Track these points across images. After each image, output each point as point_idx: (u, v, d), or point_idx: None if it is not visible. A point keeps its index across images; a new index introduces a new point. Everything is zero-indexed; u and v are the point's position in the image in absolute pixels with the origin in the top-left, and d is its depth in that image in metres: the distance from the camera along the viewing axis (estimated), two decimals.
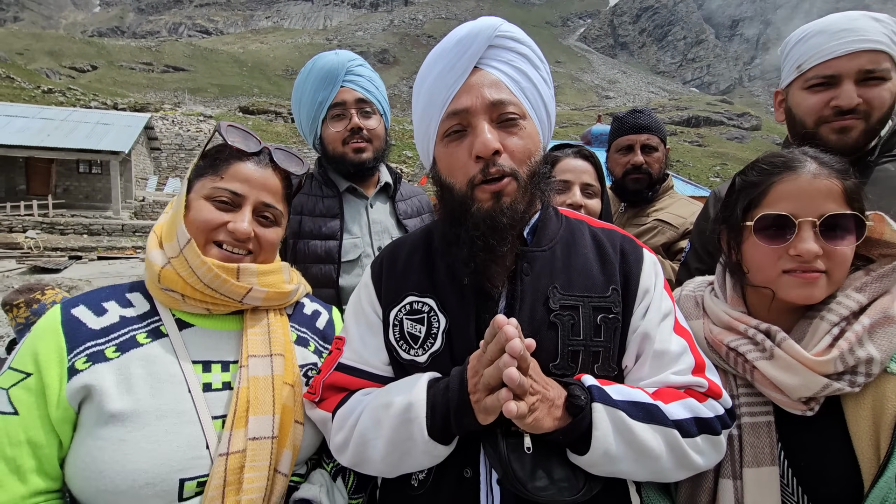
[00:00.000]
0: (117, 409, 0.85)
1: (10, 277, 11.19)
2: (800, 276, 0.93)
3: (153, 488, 0.84)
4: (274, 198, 1.07)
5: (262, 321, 1.06)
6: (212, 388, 0.96)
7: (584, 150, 1.70)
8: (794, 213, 0.93)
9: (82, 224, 19.16)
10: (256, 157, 1.06)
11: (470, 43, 0.90)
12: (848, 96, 1.23)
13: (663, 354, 0.91)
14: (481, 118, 0.88)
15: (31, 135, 21.38)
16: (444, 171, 0.95)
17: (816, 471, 0.92)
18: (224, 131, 1.04)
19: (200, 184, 1.03)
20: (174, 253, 0.97)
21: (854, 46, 1.22)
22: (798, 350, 0.92)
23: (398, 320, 0.98)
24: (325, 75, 1.69)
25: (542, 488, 0.80)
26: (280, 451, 0.96)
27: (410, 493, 0.93)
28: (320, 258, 1.67)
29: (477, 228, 0.88)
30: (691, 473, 0.89)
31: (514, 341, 0.72)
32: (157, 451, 0.85)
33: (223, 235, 1.00)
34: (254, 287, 1.02)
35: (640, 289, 0.94)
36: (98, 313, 0.95)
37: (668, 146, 2.22)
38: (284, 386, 1.00)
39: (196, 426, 0.90)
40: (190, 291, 0.97)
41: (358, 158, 1.71)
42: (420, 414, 0.84)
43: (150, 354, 0.93)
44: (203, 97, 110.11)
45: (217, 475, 0.88)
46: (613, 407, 0.81)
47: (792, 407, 0.94)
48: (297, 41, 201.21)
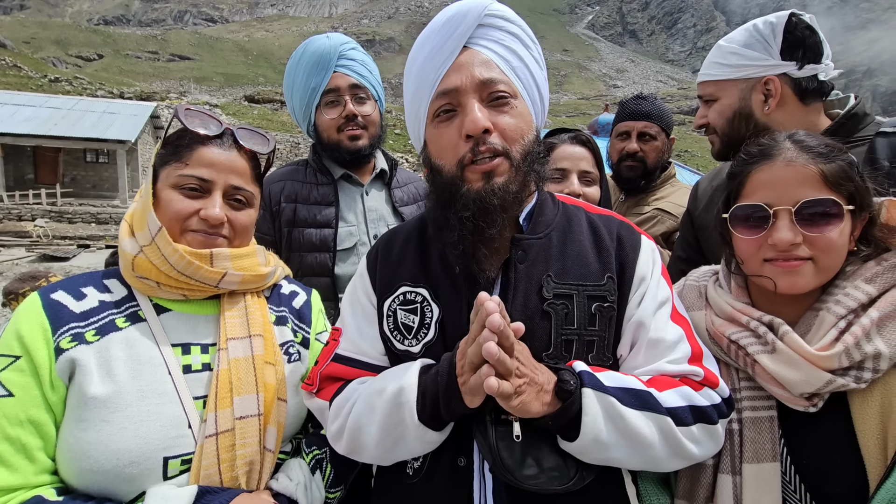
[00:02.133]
0: (99, 392, 0.87)
1: (19, 265, 11.31)
2: (780, 265, 0.92)
3: (138, 467, 0.86)
4: (243, 179, 1.05)
5: (238, 304, 1.07)
6: (192, 370, 0.97)
7: (581, 135, 1.64)
8: (770, 202, 0.92)
9: (90, 213, 19.31)
10: (219, 139, 1.04)
11: (459, 22, 0.88)
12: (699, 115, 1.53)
13: (658, 343, 0.89)
14: (471, 97, 0.86)
15: (39, 124, 21.50)
16: (434, 153, 0.93)
17: (820, 468, 0.89)
18: (183, 115, 1.01)
19: (166, 172, 1.01)
20: (146, 241, 0.96)
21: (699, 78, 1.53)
22: (800, 344, 0.89)
23: (392, 311, 0.97)
24: (317, 60, 1.64)
25: (532, 476, 0.79)
26: (266, 427, 0.98)
27: (405, 482, 0.94)
28: (315, 246, 1.65)
29: (466, 209, 0.86)
30: (687, 463, 0.88)
31: (493, 316, 0.72)
32: (139, 430, 0.87)
33: (196, 223, 0.99)
34: (228, 271, 1.02)
35: (636, 276, 0.93)
36: (77, 298, 0.96)
37: (674, 136, 2.18)
38: (266, 365, 1.02)
39: (178, 406, 0.91)
40: (164, 279, 0.97)
41: (353, 146, 1.69)
42: (411, 398, 0.84)
43: (129, 338, 0.94)
44: (209, 86, 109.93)
45: (209, 453, 0.90)
46: (604, 392, 0.80)
47: (794, 403, 0.91)
48: (303, 29, 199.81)
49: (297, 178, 1.74)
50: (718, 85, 1.44)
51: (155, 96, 50.82)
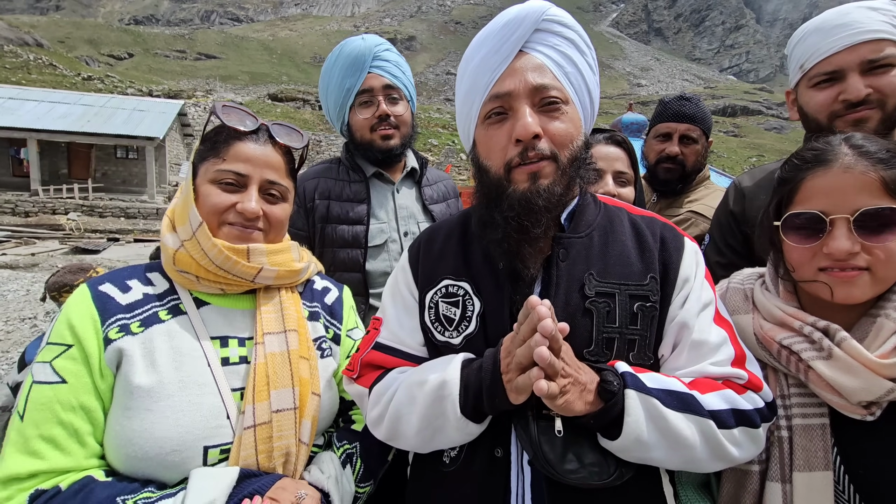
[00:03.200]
0: (144, 381, 0.90)
1: (53, 257, 11.75)
2: (836, 276, 0.88)
3: (179, 455, 0.89)
4: (277, 174, 1.08)
5: (274, 299, 1.10)
6: (229, 363, 1.00)
7: (616, 135, 1.63)
8: (826, 209, 0.88)
9: (119, 207, 19.91)
10: (255, 135, 1.07)
11: (517, 26, 0.90)
12: (855, 88, 1.22)
13: (702, 345, 0.89)
14: (523, 102, 0.88)
15: (73, 121, 22.24)
16: (482, 154, 0.95)
17: (877, 480, 0.86)
18: (220, 112, 1.05)
19: (204, 168, 1.04)
20: (187, 236, 1.00)
21: (851, 40, 1.21)
22: (860, 351, 0.86)
23: (434, 303, 1.00)
24: (352, 62, 1.68)
25: (572, 471, 0.80)
26: (301, 421, 1.01)
27: (442, 470, 0.96)
28: (347, 243, 1.69)
29: (512, 209, 0.88)
30: (727, 465, 0.88)
31: (545, 321, 0.73)
32: (181, 420, 0.90)
33: (233, 216, 1.03)
34: (264, 267, 1.05)
35: (680, 278, 0.93)
36: (123, 290, 1.00)
37: (711, 138, 2.14)
38: (300, 360, 1.04)
39: (216, 397, 0.95)
40: (203, 273, 1.01)
41: (385, 145, 1.72)
42: (453, 392, 0.86)
43: (171, 330, 0.97)
44: (234, 84, 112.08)
45: (248, 444, 0.93)
46: (647, 394, 0.81)
47: (850, 411, 0.88)
48: (326, 28, 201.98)
49: (331, 175, 1.78)
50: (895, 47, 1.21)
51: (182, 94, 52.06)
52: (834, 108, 1.27)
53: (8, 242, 13.45)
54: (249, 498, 0.88)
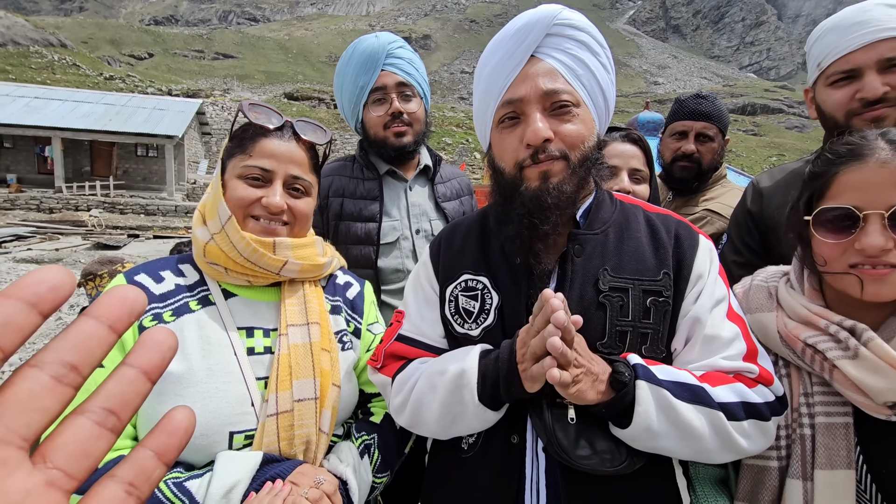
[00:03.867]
0: (175, 368, 0.94)
1: (77, 252, 12.06)
2: (867, 273, 0.87)
3: (206, 439, 0.93)
4: (301, 169, 1.11)
5: (297, 292, 1.14)
6: (254, 352, 1.04)
7: (632, 133, 1.65)
8: (860, 205, 0.86)
9: (139, 204, 20.31)
10: (280, 131, 1.11)
11: (528, 32, 0.92)
12: (872, 87, 1.21)
13: (714, 339, 0.91)
14: (534, 107, 0.90)
15: (95, 119, 22.73)
16: (497, 155, 0.99)
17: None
18: (247, 110, 1.10)
19: (232, 164, 1.09)
20: (216, 229, 1.04)
21: (869, 38, 1.20)
22: (888, 351, 0.84)
23: (454, 296, 1.04)
24: (365, 59, 1.70)
25: (585, 457, 0.83)
26: (321, 411, 1.04)
27: (460, 456, 0.99)
28: (360, 240, 1.71)
29: (523, 206, 0.92)
30: (737, 457, 0.90)
31: (558, 313, 0.75)
32: (208, 405, 0.94)
33: (259, 210, 1.07)
34: (289, 260, 1.08)
35: (693, 274, 0.95)
36: (157, 281, 1.05)
37: (728, 137, 2.13)
38: (322, 352, 1.08)
39: (242, 385, 0.99)
40: (231, 265, 1.05)
41: (398, 143, 1.74)
42: (472, 380, 0.90)
43: (200, 319, 1.02)
44: (250, 84, 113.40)
45: (270, 431, 0.97)
46: (657, 385, 0.83)
47: (875, 411, 0.87)
48: (341, 27, 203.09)
49: (345, 173, 1.80)
50: None
51: (200, 93, 52.84)
52: (851, 107, 1.26)
53: (33, 238, 13.84)
54: (271, 481, 0.92)
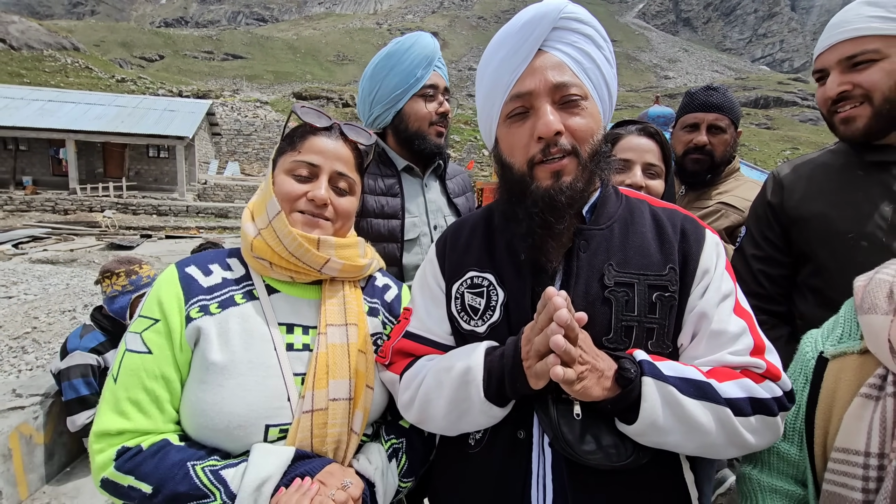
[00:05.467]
0: (218, 359, 0.97)
1: (91, 252, 12.24)
2: None
3: (244, 430, 0.96)
4: (347, 167, 1.15)
5: (338, 293, 1.16)
6: (293, 349, 1.06)
7: (648, 127, 1.58)
8: None
9: (152, 205, 20.58)
10: (328, 131, 1.15)
11: (535, 26, 0.91)
12: (830, 87, 1.28)
13: (721, 334, 0.90)
14: (544, 100, 0.90)
15: (108, 121, 23.08)
16: (505, 151, 0.98)
17: None
18: (299, 111, 1.15)
19: (282, 160, 1.13)
20: (264, 224, 1.08)
21: (834, 39, 1.27)
22: None
23: (460, 293, 1.04)
24: (426, 54, 1.73)
25: (590, 452, 0.83)
26: (354, 411, 1.06)
27: (468, 451, 1.00)
28: (383, 237, 1.70)
29: (536, 205, 0.91)
30: (744, 452, 0.89)
31: (561, 311, 0.75)
32: (247, 397, 0.96)
33: (304, 205, 1.10)
34: (332, 258, 1.11)
35: (700, 269, 0.94)
36: (206, 273, 1.08)
37: (740, 129, 2.10)
38: (358, 353, 1.10)
39: (280, 380, 1.01)
40: (277, 259, 1.08)
41: (438, 141, 1.78)
42: (478, 377, 0.90)
43: (244, 313, 1.04)
44: (259, 84, 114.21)
45: (305, 427, 0.99)
46: (663, 381, 0.82)
47: None
48: (349, 26, 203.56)
49: None
50: (888, 41, 1.21)
51: (210, 94, 53.31)
52: (826, 105, 1.34)
53: (49, 239, 14.08)
54: (301, 478, 0.94)
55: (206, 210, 20.86)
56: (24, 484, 2.69)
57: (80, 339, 2.99)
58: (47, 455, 2.86)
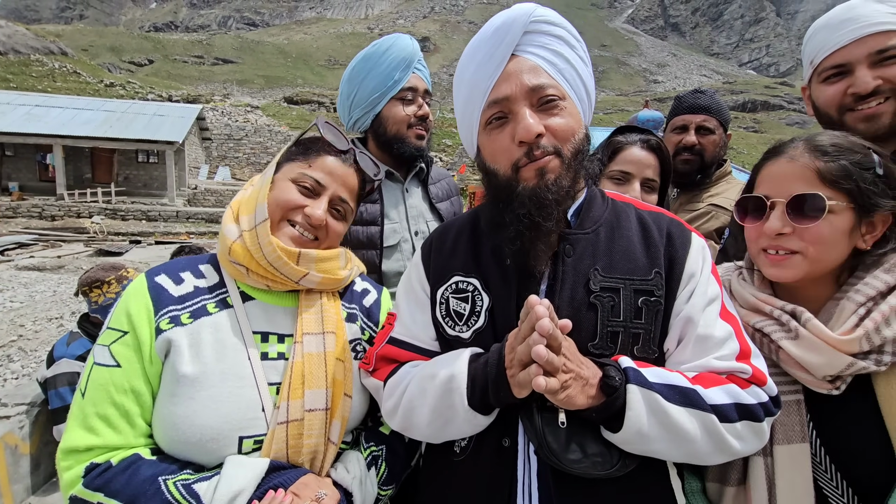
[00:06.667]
0: (189, 371, 0.96)
1: (78, 259, 12.08)
2: (770, 258, 0.99)
3: (217, 443, 0.94)
4: (349, 194, 1.15)
5: (315, 302, 1.14)
6: (268, 357, 1.04)
7: (651, 139, 1.55)
8: (768, 193, 0.98)
9: (141, 210, 20.37)
10: (343, 154, 1.14)
11: (506, 32, 0.92)
12: (863, 81, 1.22)
13: (707, 339, 0.90)
14: (522, 104, 0.90)
15: (96, 126, 22.85)
16: (488, 158, 0.97)
17: (849, 449, 0.92)
18: (322, 127, 1.14)
19: (289, 167, 1.12)
20: (248, 226, 1.05)
21: (858, 33, 1.22)
22: (822, 329, 0.92)
23: (444, 298, 1.03)
24: (404, 56, 1.71)
25: (576, 461, 0.82)
26: (331, 421, 1.04)
27: (453, 459, 0.99)
28: (362, 244, 1.69)
29: (523, 206, 0.90)
30: (730, 458, 0.89)
31: (542, 321, 0.74)
32: (220, 409, 0.95)
33: (299, 218, 1.08)
34: (311, 272, 1.09)
35: (685, 273, 0.94)
36: (177, 282, 1.06)
37: (729, 132, 2.14)
38: (336, 362, 1.08)
39: (254, 390, 0.99)
40: (254, 266, 1.05)
41: (419, 144, 1.76)
42: (461, 385, 0.89)
43: (217, 323, 1.02)
44: (250, 88, 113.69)
45: (280, 438, 0.98)
46: (649, 389, 0.82)
47: (818, 386, 0.94)
48: (340, 31, 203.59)
49: None
50: None
51: (200, 99, 52.97)
52: (844, 102, 1.27)
53: (35, 245, 13.87)
54: (274, 490, 0.93)
55: (197, 215, 20.68)
56: (8, 495, 2.64)
57: (67, 347, 2.94)
58: (33, 465, 2.81)
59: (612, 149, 1.56)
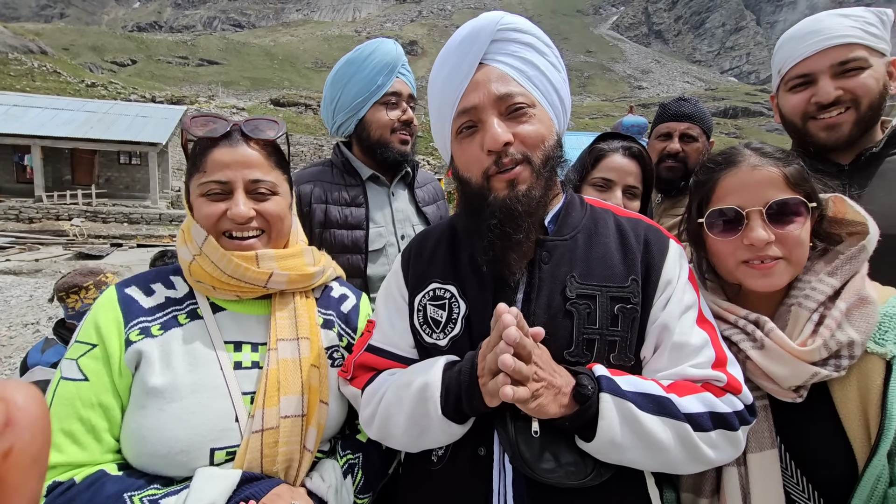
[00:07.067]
0: (159, 383, 0.94)
1: (57, 262, 11.79)
2: (757, 267, 0.97)
3: (187, 455, 0.92)
4: (261, 171, 1.08)
5: (288, 305, 1.11)
6: (242, 367, 1.02)
7: (633, 148, 1.56)
8: (741, 204, 0.97)
9: (122, 213, 19.99)
10: (227, 139, 1.07)
11: (473, 41, 0.92)
12: (825, 91, 1.29)
13: (683, 347, 0.90)
14: (490, 113, 0.90)
15: (76, 127, 22.38)
16: (461, 167, 0.98)
17: (812, 454, 0.94)
18: (189, 125, 1.06)
19: (192, 184, 1.07)
20: (196, 251, 1.04)
21: (821, 45, 1.28)
22: (786, 341, 0.93)
23: (422, 306, 1.02)
24: (388, 61, 1.70)
25: (549, 470, 0.82)
26: (307, 428, 1.02)
27: (430, 468, 0.98)
28: (347, 248, 1.68)
29: (494, 217, 0.90)
30: (705, 467, 0.89)
31: (509, 329, 0.75)
32: (191, 422, 0.93)
33: (227, 224, 1.04)
34: (275, 271, 1.06)
35: (662, 280, 0.94)
36: (147, 293, 1.04)
37: (712, 139, 2.18)
38: (311, 368, 1.06)
39: (227, 401, 0.97)
40: (217, 283, 1.04)
41: (403, 149, 1.76)
42: (435, 394, 0.89)
43: (187, 334, 1.01)
44: (236, 90, 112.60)
45: (254, 448, 0.95)
46: (621, 397, 0.82)
47: (783, 395, 0.95)
48: (327, 33, 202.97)
49: (326, 178, 1.76)
50: (870, 52, 1.28)
51: (185, 100, 52.30)
52: (807, 110, 1.35)
53: (12, 248, 13.51)
54: (245, 501, 0.90)
55: (180, 218, 20.35)
56: None
57: (42, 354, 2.85)
58: None
59: (594, 156, 1.58)
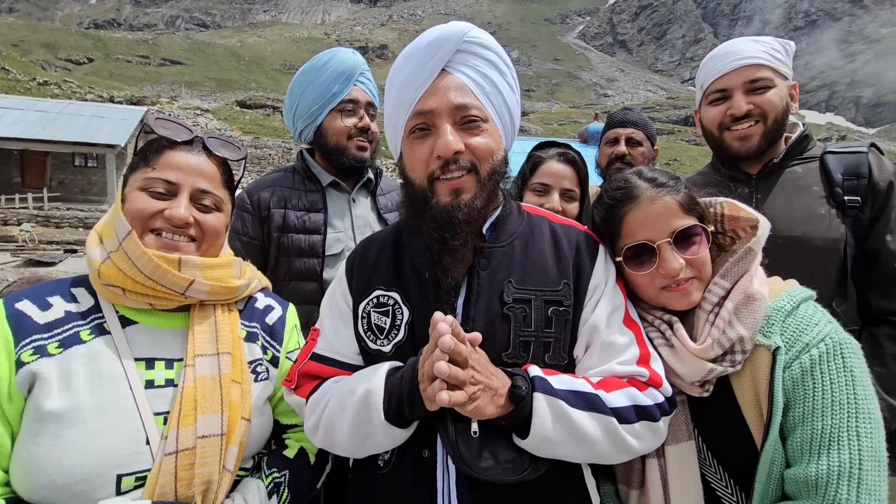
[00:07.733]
0: (55, 406, 0.86)
1: (4, 270, 11.14)
2: (676, 290, 1.04)
3: (89, 483, 0.85)
4: (211, 184, 1.05)
5: (209, 318, 1.05)
6: (154, 385, 0.96)
7: (568, 153, 1.70)
8: (650, 238, 1.03)
9: (77, 217, 19.07)
10: (188, 145, 1.05)
11: (439, 46, 0.94)
12: (738, 105, 1.48)
13: (610, 346, 0.96)
14: (445, 120, 0.92)
15: (26, 127, 21.23)
16: (408, 166, 1.00)
17: (720, 442, 1.02)
18: (153, 124, 1.04)
19: (134, 177, 1.02)
20: (113, 247, 0.97)
21: (736, 63, 1.49)
22: (686, 340, 1.01)
23: (366, 313, 1.03)
24: (344, 69, 1.73)
25: (487, 468, 0.86)
26: (227, 447, 0.96)
27: (377, 473, 1.00)
28: (304, 252, 1.69)
29: (434, 221, 0.93)
30: (631, 457, 0.96)
31: (444, 337, 0.78)
32: (94, 447, 0.86)
33: (160, 223, 0.99)
34: (196, 279, 1.01)
35: (592, 283, 1.00)
36: (43, 308, 0.95)
37: (657, 147, 2.35)
38: (232, 384, 1.01)
39: (137, 422, 0.91)
40: (130, 284, 0.97)
41: (360, 155, 1.78)
42: (378, 400, 0.90)
43: (92, 351, 0.93)
44: (200, 91, 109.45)
45: (167, 471, 0.89)
46: (554, 396, 0.87)
47: (690, 390, 1.03)
48: (295, 35, 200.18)
49: (286, 184, 1.78)
50: (776, 73, 1.48)
51: (146, 101, 50.41)
52: (723, 121, 1.53)
53: None
54: None
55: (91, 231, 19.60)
56: None
57: None
58: None
59: (532, 163, 1.70)
